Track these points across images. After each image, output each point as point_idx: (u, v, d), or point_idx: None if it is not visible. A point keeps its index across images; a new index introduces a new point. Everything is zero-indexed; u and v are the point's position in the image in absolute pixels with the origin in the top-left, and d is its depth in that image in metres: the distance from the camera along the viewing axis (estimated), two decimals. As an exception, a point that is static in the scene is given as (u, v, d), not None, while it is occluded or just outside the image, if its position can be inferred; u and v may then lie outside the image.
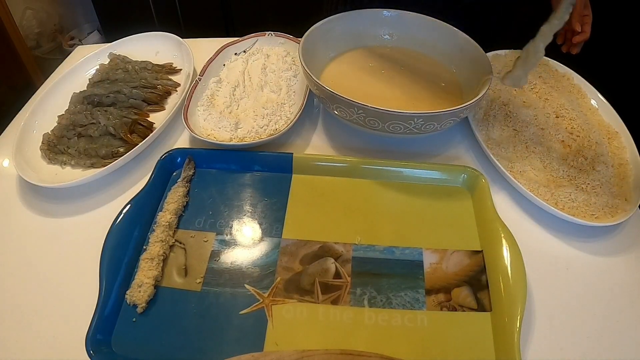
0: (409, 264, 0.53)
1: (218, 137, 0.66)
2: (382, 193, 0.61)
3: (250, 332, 0.48)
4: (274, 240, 0.56)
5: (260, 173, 0.63)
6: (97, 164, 0.63)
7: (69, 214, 0.60)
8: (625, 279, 0.54)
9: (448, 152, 0.68)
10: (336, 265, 0.53)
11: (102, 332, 0.46)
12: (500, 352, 0.46)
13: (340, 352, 0.46)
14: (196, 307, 0.50)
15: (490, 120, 0.69)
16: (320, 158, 0.63)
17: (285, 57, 0.79)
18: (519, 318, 0.46)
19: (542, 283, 0.53)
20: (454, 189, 0.62)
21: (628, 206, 0.58)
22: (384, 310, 0.49)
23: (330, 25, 0.72)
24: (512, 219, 0.58)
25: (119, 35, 0.85)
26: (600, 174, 0.61)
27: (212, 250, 0.55)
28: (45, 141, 0.66)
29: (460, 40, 0.70)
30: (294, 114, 0.69)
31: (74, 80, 0.76)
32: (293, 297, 0.50)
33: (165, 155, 0.62)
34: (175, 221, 0.57)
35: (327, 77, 0.71)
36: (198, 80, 0.73)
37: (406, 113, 0.55)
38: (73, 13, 1.96)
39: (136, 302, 0.49)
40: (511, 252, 0.51)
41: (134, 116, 0.68)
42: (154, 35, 0.85)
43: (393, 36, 0.76)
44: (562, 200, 0.58)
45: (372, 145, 0.68)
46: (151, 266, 0.51)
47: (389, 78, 0.72)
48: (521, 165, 0.63)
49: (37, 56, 1.76)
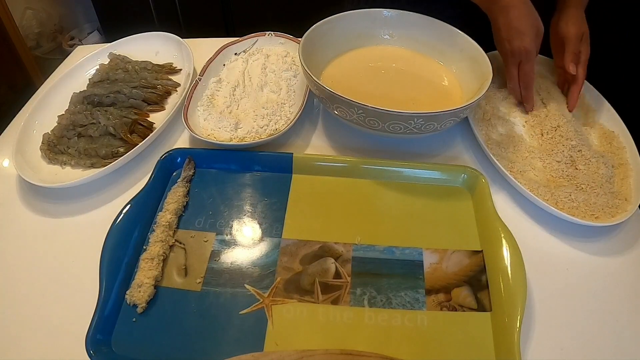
0: (409, 264, 0.53)
1: (218, 137, 0.66)
2: (382, 193, 0.61)
3: (250, 332, 0.48)
4: (274, 240, 0.56)
5: (260, 173, 0.63)
6: (97, 164, 0.63)
7: (69, 214, 0.60)
8: (625, 279, 0.54)
9: (448, 152, 0.68)
10: (336, 265, 0.53)
11: (102, 332, 0.46)
12: (500, 352, 0.46)
13: (340, 352, 0.46)
14: (196, 307, 0.50)
15: (490, 120, 0.69)
16: (320, 158, 0.63)
17: (285, 57, 0.79)
18: (519, 318, 0.46)
19: (542, 283, 0.53)
20: (454, 189, 0.62)
21: (628, 206, 0.58)
22: (384, 310, 0.50)
23: (330, 25, 0.71)
24: (512, 219, 0.58)
25: (119, 35, 0.85)
26: (600, 174, 0.61)
27: (212, 250, 0.55)
28: (45, 141, 0.66)
29: (460, 40, 0.70)
30: (294, 114, 0.69)
31: (74, 80, 0.76)
32: (293, 297, 0.50)
33: (165, 155, 0.62)
34: (175, 221, 0.57)
35: (327, 77, 0.71)
36: (198, 80, 0.73)
37: (406, 113, 0.55)
38: (73, 13, 1.96)
39: (136, 302, 0.49)
40: (511, 252, 0.51)
41: (134, 116, 0.68)
42: (154, 35, 0.85)
43: (393, 36, 0.76)
44: (562, 200, 0.58)
45: (372, 145, 0.68)
46: (151, 266, 0.51)
47: (389, 78, 0.72)
48: (521, 165, 0.63)
49: (37, 56, 1.76)
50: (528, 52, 0.63)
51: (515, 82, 0.68)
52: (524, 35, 0.62)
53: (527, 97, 0.69)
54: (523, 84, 0.67)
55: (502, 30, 0.64)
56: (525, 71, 0.65)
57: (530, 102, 0.69)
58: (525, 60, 0.64)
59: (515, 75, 0.67)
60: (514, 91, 0.69)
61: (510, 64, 0.66)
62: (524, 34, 0.62)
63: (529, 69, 0.65)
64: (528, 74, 0.65)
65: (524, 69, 0.65)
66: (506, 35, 0.63)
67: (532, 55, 0.63)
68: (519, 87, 0.68)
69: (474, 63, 0.67)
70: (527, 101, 0.69)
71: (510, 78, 0.68)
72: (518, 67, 0.66)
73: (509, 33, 0.63)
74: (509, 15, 0.62)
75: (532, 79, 0.66)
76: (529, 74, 0.65)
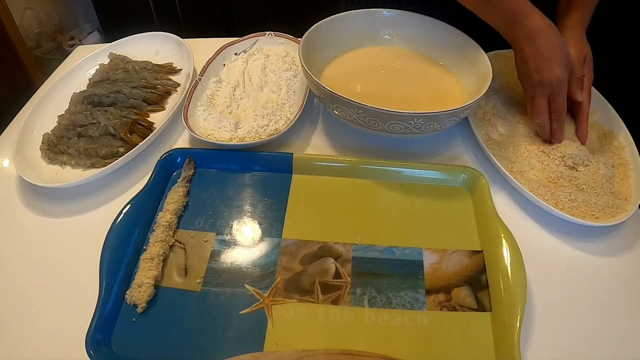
0: (409, 264, 0.53)
1: (218, 137, 0.66)
2: (382, 193, 0.61)
3: (250, 332, 0.48)
4: (274, 240, 0.56)
5: (260, 173, 0.63)
6: (97, 164, 0.63)
7: (69, 214, 0.60)
8: (625, 279, 0.54)
9: (448, 152, 0.68)
10: (336, 265, 0.53)
11: (102, 332, 0.46)
12: (500, 352, 0.46)
13: (340, 352, 0.46)
14: (196, 307, 0.50)
15: (490, 120, 0.69)
16: (320, 158, 0.63)
17: (285, 57, 0.79)
18: (519, 318, 0.46)
19: (542, 283, 0.53)
20: (454, 189, 0.62)
21: (628, 206, 0.58)
22: (384, 310, 0.50)
23: (330, 25, 0.72)
24: (512, 219, 0.58)
25: (119, 35, 0.85)
26: (600, 175, 0.61)
27: (212, 250, 0.55)
28: (45, 141, 0.66)
29: (460, 40, 0.70)
30: (294, 114, 0.69)
31: (74, 80, 0.76)
32: (293, 297, 0.50)
33: (165, 155, 0.62)
34: (175, 221, 0.57)
35: (327, 77, 0.71)
36: (198, 80, 0.73)
37: (406, 113, 0.55)
38: (73, 13, 1.96)
39: (136, 302, 0.49)
40: (511, 252, 0.51)
41: (134, 116, 0.68)
42: (154, 35, 0.85)
43: (393, 36, 0.76)
44: (562, 200, 0.58)
45: (372, 145, 0.68)
46: (151, 266, 0.51)
47: (389, 78, 0.72)
48: (521, 165, 0.63)
49: (37, 56, 1.76)
50: (560, 83, 0.58)
51: (546, 117, 0.61)
52: (556, 65, 0.57)
53: (558, 132, 0.62)
54: (555, 117, 0.61)
55: (530, 61, 0.58)
56: (558, 105, 0.60)
57: (561, 136, 0.63)
58: (558, 93, 0.59)
59: (546, 110, 0.61)
60: (543, 127, 0.62)
61: (540, 96, 0.60)
62: (556, 63, 0.57)
63: (562, 102, 0.59)
64: (561, 107, 0.60)
65: (556, 102, 0.60)
66: (535, 66, 0.58)
67: (565, 86, 0.59)
68: (549, 121, 0.62)
69: (474, 63, 0.67)
70: (557, 136, 0.63)
71: (540, 112, 0.61)
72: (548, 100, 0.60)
73: (538, 63, 0.58)
74: (536, 43, 0.57)
75: (564, 113, 0.61)
76: (561, 107, 0.60)
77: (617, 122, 0.70)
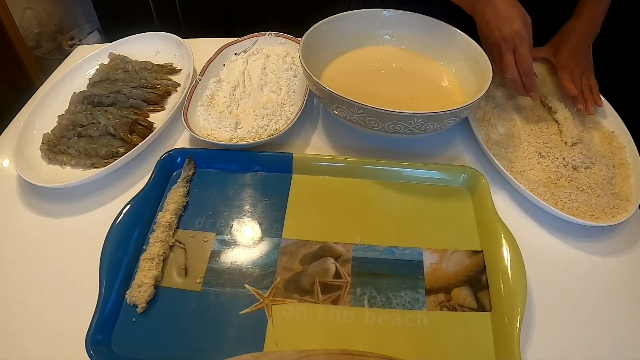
0: (409, 264, 0.53)
1: (218, 137, 0.66)
2: (382, 193, 0.61)
3: (250, 332, 0.48)
4: (274, 240, 0.56)
5: (260, 173, 0.63)
6: (97, 164, 0.63)
7: (69, 214, 0.60)
8: (625, 279, 0.54)
9: (448, 152, 0.68)
10: (336, 265, 0.53)
11: (102, 332, 0.46)
12: (500, 352, 0.46)
13: (340, 352, 0.46)
14: (196, 307, 0.50)
15: (490, 120, 0.69)
16: (320, 158, 0.63)
17: (285, 57, 0.79)
18: (519, 318, 0.46)
19: (542, 283, 0.53)
20: (454, 189, 0.62)
21: (628, 206, 0.58)
22: (384, 310, 0.50)
23: (330, 25, 0.72)
24: (512, 219, 0.58)
25: (119, 35, 0.85)
26: (601, 176, 0.61)
27: (212, 250, 0.55)
28: (45, 141, 0.66)
29: (460, 40, 0.70)
30: (294, 114, 0.69)
31: (74, 80, 0.76)
32: (293, 297, 0.50)
33: (165, 155, 0.62)
34: (175, 221, 0.57)
35: (327, 77, 0.71)
36: (198, 80, 0.73)
37: (406, 113, 0.55)
38: (73, 13, 1.96)
39: (136, 302, 0.49)
40: (511, 252, 0.51)
41: (134, 116, 0.68)
42: (154, 35, 0.85)
43: (393, 36, 0.76)
44: (562, 200, 0.58)
45: (372, 145, 0.68)
46: (151, 266, 0.51)
47: (389, 78, 0.72)
48: (521, 165, 0.63)
49: (37, 56, 1.76)
50: (520, 35, 0.60)
51: (514, 70, 0.63)
52: (514, 21, 0.60)
53: (530, 85, 0.64)
54: (522, 70, 0.63)
55: (491, 21, 0.62)
56: (521, 56, 0.61)
57: (534, 90, 0.64)
58: (520, 44, 0.61)
59: (513, 63, 0.62)
60: (515, 81, 0.64)
61: (505, 50, 0.62)
62: (514, 20, 0.60)
63: (525, 53, 0.61)
64: (525, 58, 0.62)
65: (520, 53, 0.61)
66: (495, 24, 0.61)
67: (526, 38, 0.61)
68: (519, 75, 0.63)
69: (474, 63, 0.67)
70: (530, 89, 0.64)
71: (508, 67, 0.63)
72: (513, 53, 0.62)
73: (498, 21, 0.61)
74: (495, 5, 0.61)
75: (531, 64, 0.62)
76: (526, 58, 0.61)
77: (617, 122, 0.70)
